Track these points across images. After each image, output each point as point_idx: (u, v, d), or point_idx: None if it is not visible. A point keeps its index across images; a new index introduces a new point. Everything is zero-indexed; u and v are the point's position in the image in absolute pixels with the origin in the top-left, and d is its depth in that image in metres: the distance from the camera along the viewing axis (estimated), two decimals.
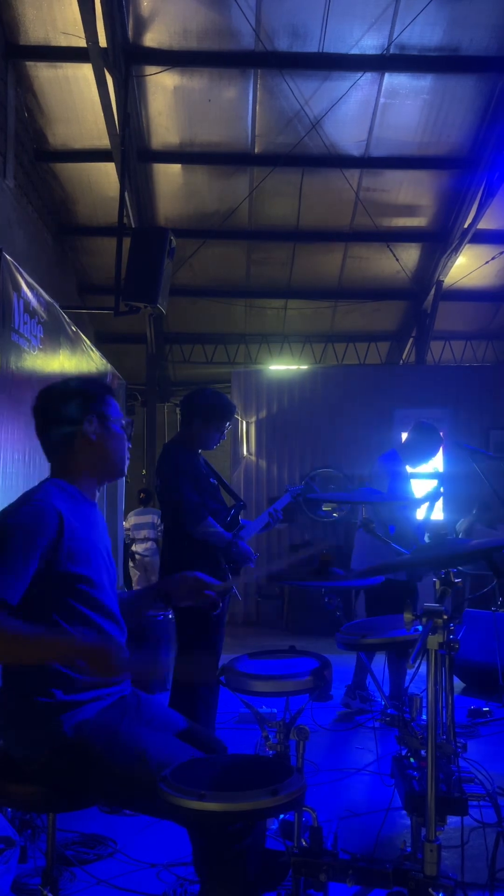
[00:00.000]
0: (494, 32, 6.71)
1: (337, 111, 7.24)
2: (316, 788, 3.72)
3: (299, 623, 8.02)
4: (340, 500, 6.70)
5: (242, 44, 6.71)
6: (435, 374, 9.55)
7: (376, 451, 8.49)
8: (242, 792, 1.63)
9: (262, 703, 3.70)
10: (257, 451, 9.06)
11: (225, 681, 2.32)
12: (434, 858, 1.62)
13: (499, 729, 4.68)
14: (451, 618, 1.76)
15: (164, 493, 3.75)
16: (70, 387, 2.20)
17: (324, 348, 10.93)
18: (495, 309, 10.52)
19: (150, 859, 2.97)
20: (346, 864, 1.73)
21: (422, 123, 7.58)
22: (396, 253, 8.90)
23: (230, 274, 9.65)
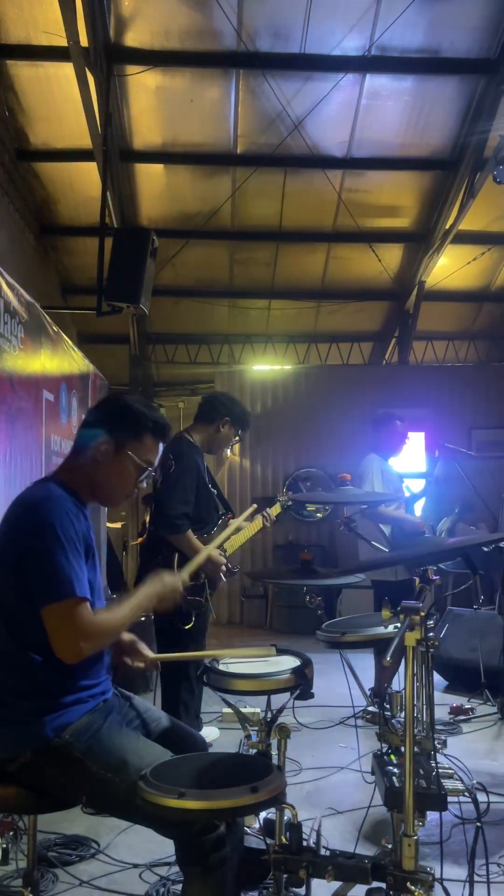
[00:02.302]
0: (474, 34, 6.76)
1: (319, 112, 7.27)
2: (298, 787, 3.74)
3: (283, 623, 8.05)
4: (323, 502, 6.73)
5: (224, 44, 6.72)
6: (417, 374, 9.61)
7: (360, 450, 8.51)
8: (222, 790, 1.64)
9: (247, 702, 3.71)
10: (241, 450, 9.07)
11: (207, 680, 2.32)
12: (412, 853, 1.63)
13: (480, 726, 4.72)
14: (430, 615, 1.78)
15: (162, 487, 3.67)
16: (121, 402, 2.15)
17: (307, 348, 10.95)
18: (477, 309, 10.59)
19: (133, 860, 2.98)
20: (326, 861, 1.74)
21: (403, 125, 7.62)
22: (379, 253, 8.95)
23: (213, 274, 9.65)
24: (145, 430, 2.08)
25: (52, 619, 1.85)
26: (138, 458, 2.07)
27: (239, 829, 2.00)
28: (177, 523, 3.54)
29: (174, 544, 3.60)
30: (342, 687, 3.10)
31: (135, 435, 2.07)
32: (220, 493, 3.93)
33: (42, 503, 1.93)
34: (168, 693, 3.71)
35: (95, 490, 2.10)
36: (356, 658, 2.86)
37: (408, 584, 4.25)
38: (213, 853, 1.81)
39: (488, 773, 3.91)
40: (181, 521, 3.54)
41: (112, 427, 2.06)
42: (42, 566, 1.85)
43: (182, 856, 1.90)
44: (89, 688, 2.01)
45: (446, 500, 6.22)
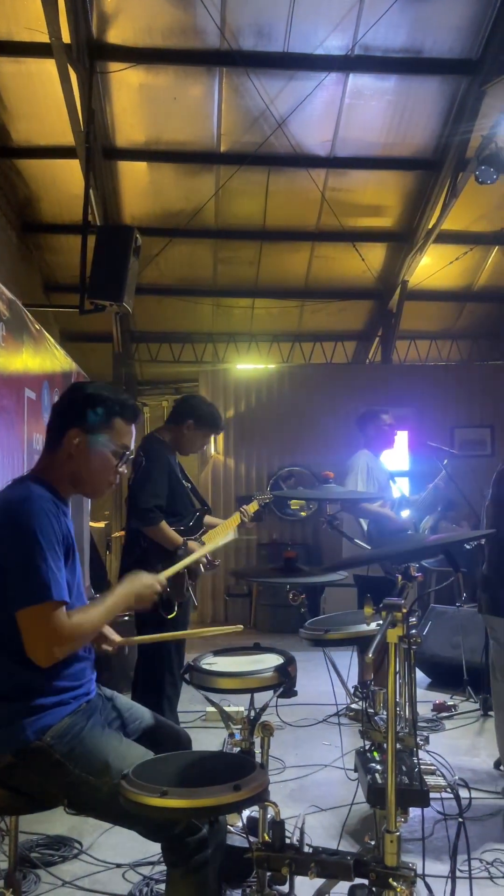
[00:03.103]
0: (457, 35, 6.79)
1: (302, 111, 7.27)
2: (282, 785, 3.75)
3: (267, 621, 8.05)
4: (306, 498, 6.74)
5: (207, 42, 6.70)
6: (401, 373, 9.65)
7: (343, 449, 8.53)
8: (205, 788, 1.64)
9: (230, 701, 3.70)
10: (225, 449, 9.07)
11: (190, 679, 2.32)
12: (394, 849, 1.64)
13: (463, 722, 4.76)
14: (412, 611, 1.78)
15: (133, 483, 3.74)
16: (84, 392, 2.11)
17: (291, 347, 10.96)
18: (459, 309, 10.65)
19: (117, 860, 2.97)
20: (308, 858, 1.74)
21: (386, 124, 7.64)
22: (362, 253, 8.97)
23: (197, 273, 9.63)
24: (114, 416, 2.06)
25: (27, 623, 1.84)
26: (113, 444, 2.05)
27: (222, 827, 2.00)
28: (149, 515, 3.59)
29: (149, 536, 3.63)
30: (326, 685, 3.11)
31: (105, 422, 2.05)
32: (195, 488, 3.98)
33: (21, 504, 1.91)
34: (149, 689, 3.70)
35: (77, 484, 2.08)
36: (340, 656, 2.87)
37: (390, 580, 4.29)
38: (196, 854, 1.81)
39: (470, 770, 3.94)
40: (154, 513, 3.60)
41: (80, 419, 2.04)
42: (20, 569, 1.83)
43: (165, 857, 1.90)
44: (71, 689, 1.99)
45: (428, 498, 6.24)
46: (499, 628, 3.27)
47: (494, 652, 3.41)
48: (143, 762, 1.82)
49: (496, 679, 3.40)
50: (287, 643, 2.76)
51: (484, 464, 7.44)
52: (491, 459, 8.37)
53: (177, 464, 3.88)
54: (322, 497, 2.67)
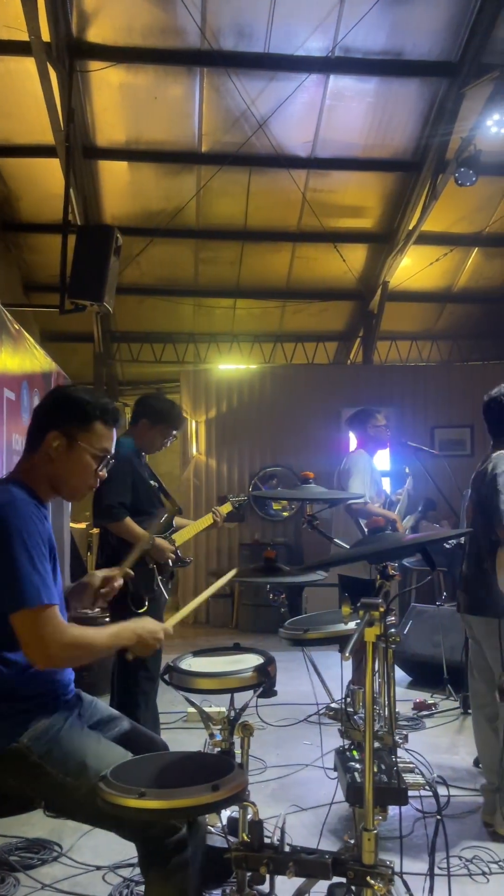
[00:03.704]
0: (436, 37, 6.84)
1: (283, 112, 7.29)
2: (263, 785, 3.75)
3: (249, 621, 8.06)
4: (284, 499, 6.76)
5: (188, 42, 6.70)
6: (381, 373, 9.69)
7: (324, 449, 8.63)
8: (183, 789, 1.63)
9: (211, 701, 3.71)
10: (207, 450, 9.06)
11: (169, 679, 2.32)
12: (372, 847, 1.65)
13: (443, 721, 4.79)
14: (389, 610, 1.79)
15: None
16: (65, 394, 2.10)
17: (273, 348, 10.97)
18: (439, 310, 10.73)
19: (97, 862, 2.96)
20: (287, 857, 1.74)
21: (367, 126, 7.68)
22: (343, 254, 9.00)
23: (178, 273, 9.61)
24: (93, 419, 2.04)
25: (23, 626, 1.82)
26: (92, 447, 2.04)
27: (201, 828, 2.00)
28: (113, 511, 3.61)
29: (114, 532, 3.64)
30: (308, 684, 3.12)
31: (84, 425, 2.03)
32: (164, 488, 3.99)
33: (5, 507, 1.90)
34: (125, 685, 3.69)
35: (56, 487, 2.06)
36: (321, 655, 2.88)
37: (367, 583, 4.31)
38: (174, 856, 1.81)
39: (450, 767, 3.97)
40: (117, 510, 3.61)
41: (60, 421, 2.02)
42: (9, 573, 1.82)
43: (144, 859, 1.88)
44: (48, 691, 1.98)
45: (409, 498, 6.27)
46: (477, 627, 3.29)
47: (472, 651, 3.44)
48: (122, 763, 1.81)
49: (474, 677, 3.42)
50: (269, 643, 2.77)
51: (464, 464, 7.48)
52: (471, 459, 8.43)
53: (143, 465, 3.91)
54: (300, 497, 2.67)
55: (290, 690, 4.70)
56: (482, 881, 2.82)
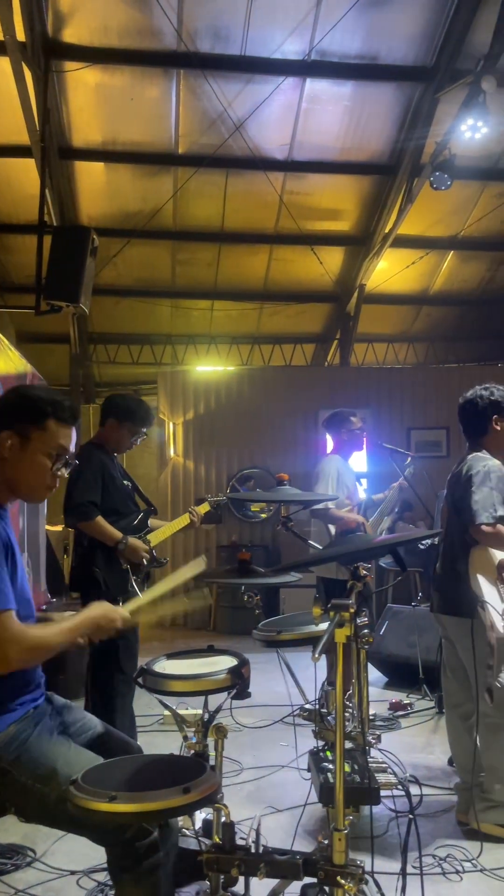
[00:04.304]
0: (411, 43, 6.90)
1: (260, 114, 7.30)
2: (239, 787, 3.75)
3: (226, 623, 8.05)
4: (259, 500, 6.77)
5: (164, 43, 6.69)
6: (358, 375, 9.74)
7: (302, 450, 8.66)
8: (154, 792, 1.63)
9: (188, 704, 3.70)
10: (184, 451, 9.04)
11: (143, 682, 2.31)
12: (342, 847, 1.66)
13: (418, 720, 4.81)
14: (360, 611, 1.80)
15: (67, 485, 3.76)
16: (18, 392, 2.07)
17: (250, 349, 10.99)
18: (416, 312, 10.81)
19: (71, 867, 2.94)
20: (258, 858, 1.75)
21: (343, 129, 7.72)
22: (320, 256, 9.04)
23: (155, 274, 9.59)
24: (47, 417, 1.99)
25: None
26: (47, 446, 1.99)
27: (173, 831, 1.99)
28: (82, 510, 3.59)
29: (86, 532, 3.63)
30: (283, 686, 3.13)
31: (37, 423, 1.99)
32: (138, 489, 3.98)
33: None
34: (100, 689, 3.66)
35: (13, 488, 2.03)
36: (297, 657, 2.89)
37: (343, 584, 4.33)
38: (146, 858, 1.80)
39: (425, 767, 3.99)
40: (87, 508, 3.59)
41: (12, 421, 1.98)
42: None
43: (115, 863, 1.87)
44: (17, 696, 1.96)
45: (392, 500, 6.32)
46: (450, 627, 3.32)
47: (446, 650, 3.46)
48: (93, 767, 1.80)
49: (447, 677, 3.45)
50: (246, 645, 2.77)
51: (440, 465, 7.54)
52: (446, 460, 8.50)
53: (115, 464, 3.89)
54: (275, 499, 2.68)
55: (267, 692, 4.71)
56: (456, 879, 2.84)
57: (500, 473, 3.19)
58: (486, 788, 3.17)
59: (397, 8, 6.51)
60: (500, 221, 9.13)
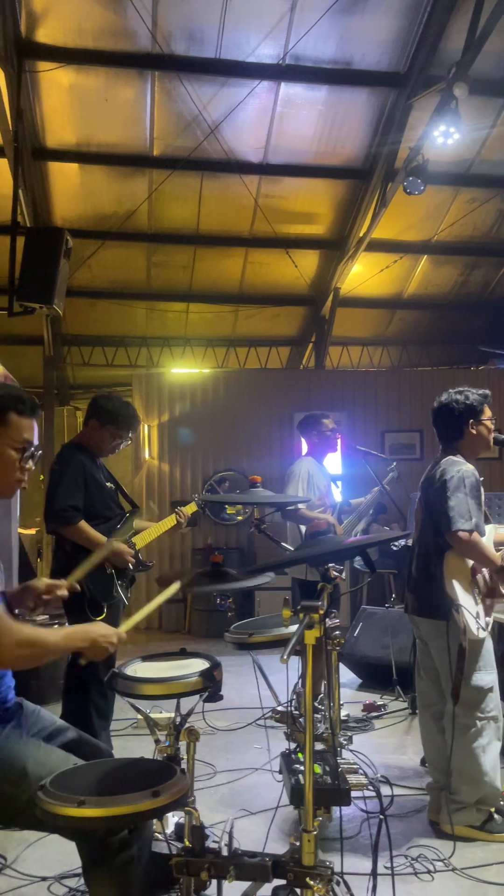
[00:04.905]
0: (384, 48, 6.95)
1: (235, 117, 7.31)
2: (213, 790, 3.74)
3: (202, 626, 8.03)
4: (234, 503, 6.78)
5: (139, 45, 6.67)
6: (333, 378, 9.78)
7: (277, 453, 8.68)
8: (123, 796, 1.62)
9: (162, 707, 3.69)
10: (159, 454, 9.01)
11: (114, 685, 2.30)
12: (311, 848, 1.66)
13: (392, 721, 4.84)
14: (329, 612, 1.81)
15: (47, 489, 3.71)
16: None
17: (226, 352, 10.99)
18: (390, 316, 10.88)
19: (42, 873, 2.91)
20: (227, 861, 1.74)
21: (317, 133, 7.76)
22: (295, 259, 9.07)
23: (130, 276, 9.56)
24: (7, 410, 2.01)
25: None
26: (11, 439, 2.01)
27: (146, 833, 1.98)
28: (64, 515, 3.54)
29: (69, 537, 3.58)
30: (257, 688, 3.13)
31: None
32: (122, 490, 3.93)
33: None
34: (75, 699, 3.63)
35: None
36: (271, 659, 2.89)
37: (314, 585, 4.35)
38: (119, 854, 1.79)
39: (398, 767, 4.01)
40: (69, 513, 3.54)
41: None
42: None
43: (87, 858, 1.86)
44: None
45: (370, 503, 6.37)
46: (424, 628, 3.34)
47: (420, 651, 3.49)
48: (63, 771, 1.79)
49: (421, 677, 3.48)
50: (221, 648, 2.77)
51: (413, 467, 7.59)
52: (420, 463, 8.57)
53: (98, 466, 3.83)
54: (247, 501, 2.68)
55: (241, 694, 4.71)
56: (427, 879, 2.86)
57: (474, 479, 3.22)
58: (454, 790, 3.20)
59: (371, 14, 6.56)
60: (473, 227, 9.24)
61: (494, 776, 3.18)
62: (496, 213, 9.12)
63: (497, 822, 3.20)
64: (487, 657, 3.22)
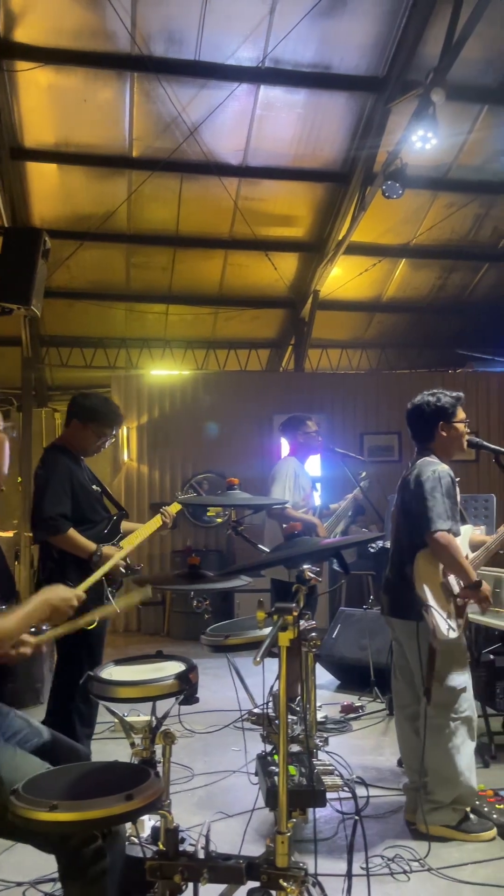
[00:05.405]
0: (363, 53, 7.00)
1: (215, 119, 7.31)
2: (190, 793, 3.73)
3: (181, 629, 8.01)
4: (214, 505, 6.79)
5: (118, 46, 6.66)
6: (312, 380, 9.81)
7: (257, 455, 8.68)
8: (96, 800, 1.61)
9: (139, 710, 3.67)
10: (138, 456, 8.98)
11: (89, 689, 2.29)
12: (285, 850, 1.66)
13: (369, 723, 4.86)
14: (303, 614, 1.81)
15: (34, 495, 3.66)
16: None
17: (205, 354, 10.98)
18: (368, 319, 10.93)
19: (18, 878, 2.89)
20: (201, 864, 1.74)
21: (297, 136, 7.78)
22: (275, 262, 9.08)
23: (109, 277, 9.51)
24: None
25: None
26: None
27: (119, 836, 1.97)
28: (53, 524, 3.48)
29: (58, 545, 3.53)
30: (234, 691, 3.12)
31: None
32: (108, 493, 3.88)
33: None
34: (60, 703, 3.61)
35: None
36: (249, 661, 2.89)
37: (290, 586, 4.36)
38: (92, 865, 1.79)
39: (375, 768, 4.03)
40: (58, 522, 3.48)
41: None
42: None
43: (62, 870, 1.86)
44: None
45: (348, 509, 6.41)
46: (399, 629, 3.36)
47: (395, 652, 3.51)
48: (35, 776, 1.78)
49: (397, 678, 3.50)
50: (199, 650, 2.76)
51: (392, 469, 7.64)
52: (398, 465, 8.62)
53: (83, 469, 3.78)
54: (224, 503, 2.68)
55: (219, 697, 4.70)
56: (403, 880, 2.88)
57: (448, 480, 3.25)
58: (429, 790, 3.22)
59: (350, 18, 6.60)
60: (451, 231, 9.32)
61: (469, 775, 3.20)
62: (473, 218, 9.20)
63: (472, 822, 3.22)
64: (460, 658, 3.24)
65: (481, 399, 9.56)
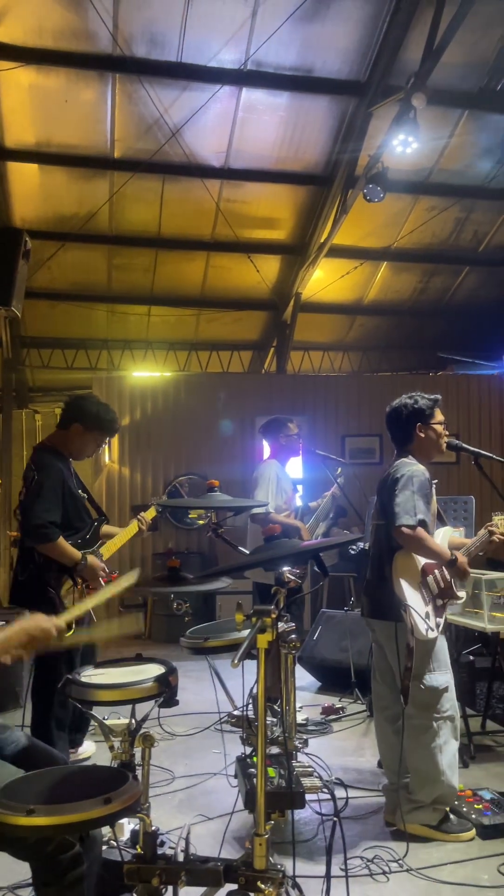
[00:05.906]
0: (345, 57, 7.03)
1: (197, 121, 7.31)
2: (171, 796, 3.72)
3: (163, 632, 7.98)
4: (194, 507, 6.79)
5: (100, 46, 6.63)
6: (294, 382, 9.83)
7: (238, 457, 8.68)
8: (73, 804, 1.60)
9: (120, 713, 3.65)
10: (120, 458, 8.95)
11: (69, 692, 2.27)
12: (263, 852, 1.66)
13: (350, 724, 4.87)
14: (282, 616, 1.81)
15: (25, 499, 3.61)
16: None
17: (188, 356, 10.96)
18: (350, 322, 10.98)
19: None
20: (179, 867, 1.74)
21: (279, 139, 7.80)
22: (257, 264, 9.09)
23: (91, 278, 9.47)
24: None
25: None
26: None
27: (96, 842, 1.97)
28: (43, 532, 3.45)
29: (45, 553, 3.50)
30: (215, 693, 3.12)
31: None
32: (91, 498, 3.87)
33: None
34: (38, 709, 3.60)
35: None
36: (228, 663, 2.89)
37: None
38: (69, 872, 1.77)
39: (355, 770, 4.04)
40: (48, 530, 3.46)
41: None
42: None
43: (37, 877, 1.84)
44: None
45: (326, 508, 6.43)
46: (379, 630, 3.38)
47: (375, 653, 3.52)
48: (12, 780, 1.77)
49: (376, 680, 3.51)
50: (181, 653, 2.76)
51: (373, 471, 7.68)
52: (379, 467, 8.65)
53: (72, 473, 3.76)
54: (205, 506, 2.68)
55: (200, 699, 4.70)
56: (383, 880, 2.89)
57: (423, 479, 3.27)
58: (410, 790, 3.23)
59: (332, 22, 6.63)
60: (432, 234, 9.38)
61: (451, 775, 3.22)
62: (454, 222, 9.27)
63: (453, 823, 3.24)
64: (441, 657, 3.26)
65: (462, 402, 9.64)
